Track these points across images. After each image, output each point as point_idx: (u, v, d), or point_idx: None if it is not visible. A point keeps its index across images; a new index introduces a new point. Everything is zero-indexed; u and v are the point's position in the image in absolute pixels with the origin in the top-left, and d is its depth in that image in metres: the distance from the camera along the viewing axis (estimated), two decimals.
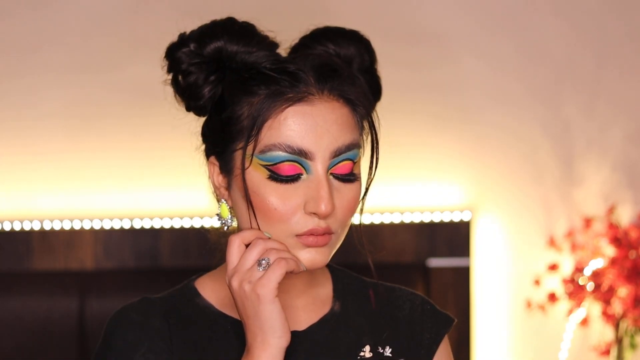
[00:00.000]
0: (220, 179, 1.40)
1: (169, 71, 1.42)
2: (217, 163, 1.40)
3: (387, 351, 1.44)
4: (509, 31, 2.89)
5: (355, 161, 1.37)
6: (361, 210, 1.41)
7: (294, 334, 1.41)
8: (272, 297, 1.30)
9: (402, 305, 1.49)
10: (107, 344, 1.42)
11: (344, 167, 1.35)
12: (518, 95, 2.90)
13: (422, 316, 1.48)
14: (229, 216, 1.40)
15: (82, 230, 2.74)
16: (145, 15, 2.79)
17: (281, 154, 1.33)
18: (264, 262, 1.31)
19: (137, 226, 2.75)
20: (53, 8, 2.78)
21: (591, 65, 2.91)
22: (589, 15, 2.90)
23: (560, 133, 2.91)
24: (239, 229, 1.39)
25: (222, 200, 1.40)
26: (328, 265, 1.49)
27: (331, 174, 1.35)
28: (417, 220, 2.81)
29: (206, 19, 1.42)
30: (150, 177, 2.79)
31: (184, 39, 1.41)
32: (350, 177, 1.36)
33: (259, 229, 1.35)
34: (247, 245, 1.34)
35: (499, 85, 2.90)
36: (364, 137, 1.40)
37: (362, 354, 1.43)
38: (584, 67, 2.91)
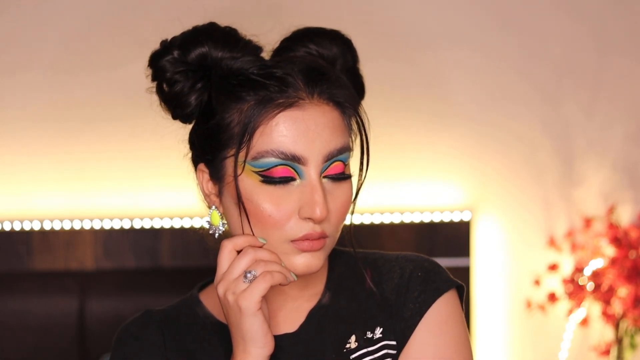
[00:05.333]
0: (210, 186, 1.39)
1: (153, 79, 1.41)
2: (206, 170, 1.39)
3: (377, 333, 1.41)
4: (510, 31, 2.89)
5: (346, 163, 1.36)
6: (352, 211, 1.39)
7: (286, 337, 1.41)
8: (254, 310, 1.29)
9: (392, 276, 1.43)
10: (111, 358, 1.44)
11: (335, 168, 1.34)
12: (518, 95, 2.90)
13: (409, 285, 1.41)
14: (220, 223, 1.39)
15: (82, 230, 2.74)
16: (143, 15, 2.79)
17: (274, 160, 1.31)
18: (249, 275, 1.30)
19: (137, 226, 2.75)
20: (51, 8, 2.78)
21: (591, 64, 2.91)
22: (589, 14, 2.90)
23: (560, 133, 2.91)
24: (231, 235, 1.38)
25: (213, 207, 1.39)
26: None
27: (324, 176, 1.34)
28: (417, 220, 2.81)
29: (188, 25, 1.41)
30: (150, 177, 2.79)
31: (166, 47, 1.39)
32: (342, 176, 1.35)
33: (253, 235, 1.34)
34: (239, 252, 1.33)
35: (499, 85, 2.89)
36: (352, 138, 1.38)
37: (347, 345, 1.41)
38: (584, 66, 2.91)
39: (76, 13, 2.79)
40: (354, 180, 1.39)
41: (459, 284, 1.44)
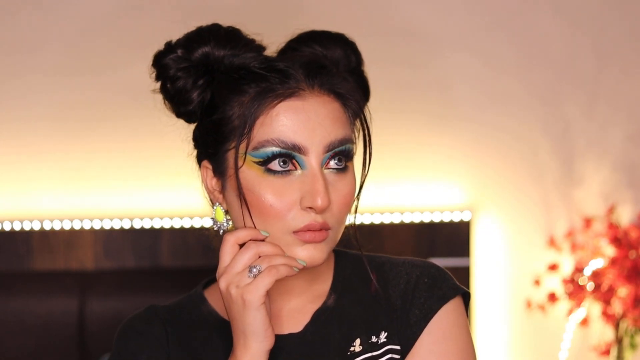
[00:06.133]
0: (213, 182, 1.40)
1: (157, 79, 1.43)
2: (210, 166, 1.40)
3: (382, 337, 1.41)
4: (509, 30, 2.89)
5: (348, 155, 1.36)
6: (355, 209, 1.40)
7: (291, 337, 1.41)
8: (258, 304, 1.30)
9: (398, 282, 1.43)
10: (113, 353, 1.44)
11: (337, 158, 1.35)
12: (518, 95, 2.90)
13: (415, 291, 1.41)
14: (224, 219, 1.39)
15: (82, 230, 2.74)
16: (143, 16, 2.79)
17: (275, 149, 1.32)
18: (254, 269, 1.30)
19: (137, 226, 2.75)
20: (52, 9, 2.78)
21: (591, 65, 2.91)
22: (589, 14, 2.90)
23: (560, 133, 2.91)
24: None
25: (217, 203, 1.40)
26: (336, 252, 1.48)
27: (325, 168, 1.35)
28: (417, 220, 2.81)
29: (192, 27, 1.43)
30: (150, 177, 2.79)
31: (170, 46, 1.41)
32: (344, 167, 1.35)
33: (255, 227, 1.35)
34: (241, 246, 1.34)
35: (499, 85, 2.89)
36: (355, 134, 1.39)
37: (352, 348, 1.41)
38: (584, 67, 2.91)
39: (78, 14, 2.79)
40: (357, 176, 1.39)
41: (465, 290, 1.43)
